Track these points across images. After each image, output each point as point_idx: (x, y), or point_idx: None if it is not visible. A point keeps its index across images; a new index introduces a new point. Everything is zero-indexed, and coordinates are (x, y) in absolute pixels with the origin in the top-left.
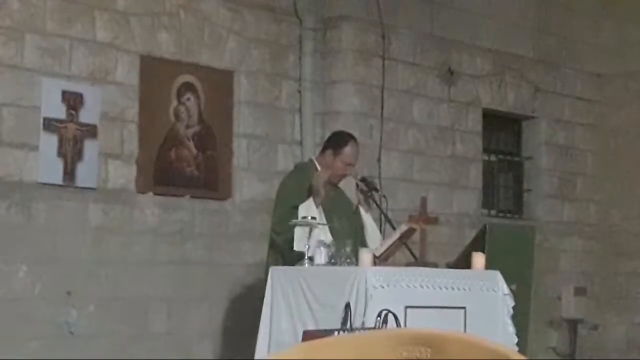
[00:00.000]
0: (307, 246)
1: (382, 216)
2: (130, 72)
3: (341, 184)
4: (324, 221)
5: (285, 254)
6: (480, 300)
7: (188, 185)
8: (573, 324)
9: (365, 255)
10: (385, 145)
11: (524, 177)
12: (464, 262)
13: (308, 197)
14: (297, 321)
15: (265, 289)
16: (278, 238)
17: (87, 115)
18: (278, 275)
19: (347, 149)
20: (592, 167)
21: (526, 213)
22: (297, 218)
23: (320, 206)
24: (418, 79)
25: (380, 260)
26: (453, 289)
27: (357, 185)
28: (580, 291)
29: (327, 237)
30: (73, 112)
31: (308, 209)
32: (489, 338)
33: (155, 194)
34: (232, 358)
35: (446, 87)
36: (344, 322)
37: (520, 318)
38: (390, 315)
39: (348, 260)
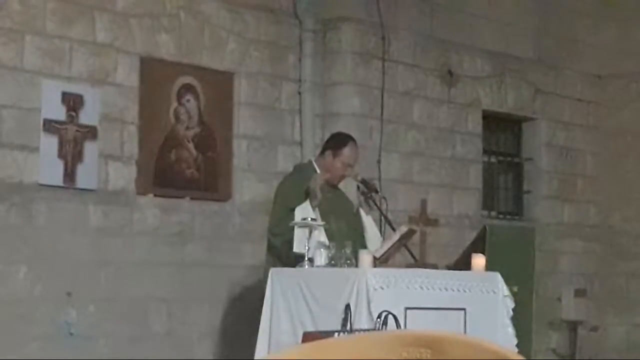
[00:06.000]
0: (307, 248)
1: (382, 218)
2: (130, 73)
3: (342, 186)
4: (321, 223)
5: (283, 255)
6: (480, 302)
7: (188, 187)
8: (573, 325)
9: (365, 257)
10: (385, 147)
11: (524, 179)
12: (464, 264)
13: (305, 199)
14: (296, 322)
15: (264, 290)
16: (275, 240)
17: (87, 116)
18: (278, 277)
19: (346, 150)
20: (592, 168)
21: (526, 214)
22: (293, 220)
23: (317, 208)
24: (418, 80)
25: (380, 261)
26: (453, 290)
27: (358, 187)
28: (580, 292)
29: (324, 239)
30: (73, 113)
31: (304, 211)
32: (489, 339)
33: (155, 195)
34: (232, 358)
35: (446, 89)
36: (343, 324)
37: (522, 320)
38: (390, 316)
39: (348, 261)
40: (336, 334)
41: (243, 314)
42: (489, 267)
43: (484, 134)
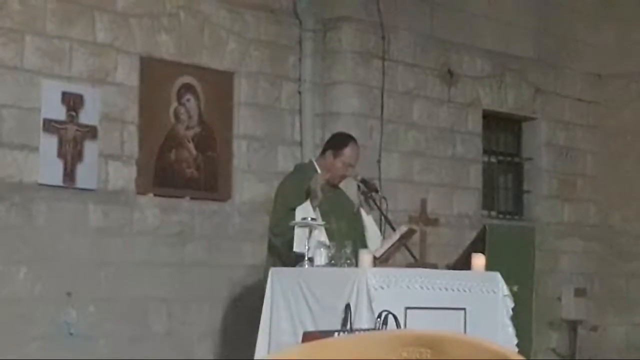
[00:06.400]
0: (307, 247)
1: (382, 217)
2: (130, 73)
3: (343, 186)
4: (321, 223)
5: (283, 255)
6: (480, 302)
7: (188, 187)
8: (573, 325)
9: (365, 256)
10: (385, 147)
11: (524, 178)
12: (464, 263)
13: (306, 199)
14: (297, 322)
15: (264, 290)
16: (276, 240)
17: (87, 116)
18: (278, 276)
19: (347, 150)
20: (592, 168)
21: (526, 214)
22: (293, 220)
23: (317, 208)
24: (418, 80)
25: (380, 261)
26: (453, 290)
27: (359, 186)
28: (580, 292)
29: (324, 239)
30: (73, 113)
31: (305, 211)
32: (489, 339)
33: (155, 195)
34: (232, 358)
35: (446, 88)
36: (344, 323)
37: (523, 319)
38: (390, 316)
39: (348, 261)
40: (336, 333)
41: (243, 314)
42: (489, 266)
43: (484, 133)
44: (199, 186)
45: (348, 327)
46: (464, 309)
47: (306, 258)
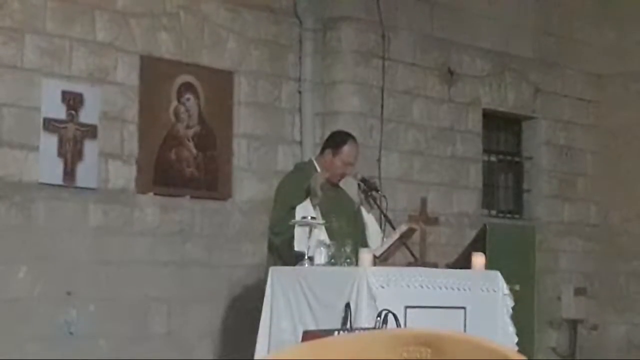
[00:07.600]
0: (307, 246)
1: (382, 216)
2: (130, 72)
3: (343, 184)
4: (321, 222)
5: (284, 254)
6: (481, 300)
7: (188, 186)
8: (573, 324)
9: (365, 255)
10: (385, 146)
11: (524, 177)
12: (464, 262)
13: (306, 198)
14: (297, 321)
15: (264, 289)
16: (276, 239)
17: (87, 115)
18: (278, 275)
19: (346, 148)
20: (592, 167)
21: (526, 213)
22: (294, 219)
23: (317, 207)
24: (418, 79)
25: (380, 260)
26: (453, 289)
27: (359, 185)
28: (580, 291)
29: (324, 238)
30: (73, 112)
31: (305, 210)
32: (489, 338)
33: (155, 194)
34: (232, 358)
35: (446, 88)
36: (344, 322)
37: (524, 318)
38: (390, 315)
39: (348, 260)
40: (336, 332)
41: (243, 313)
42: (489, 266)
43: (484, 132)
44: (199, 185)
45: (348, 326)
46: (464, 308)
47: (306, 257)
